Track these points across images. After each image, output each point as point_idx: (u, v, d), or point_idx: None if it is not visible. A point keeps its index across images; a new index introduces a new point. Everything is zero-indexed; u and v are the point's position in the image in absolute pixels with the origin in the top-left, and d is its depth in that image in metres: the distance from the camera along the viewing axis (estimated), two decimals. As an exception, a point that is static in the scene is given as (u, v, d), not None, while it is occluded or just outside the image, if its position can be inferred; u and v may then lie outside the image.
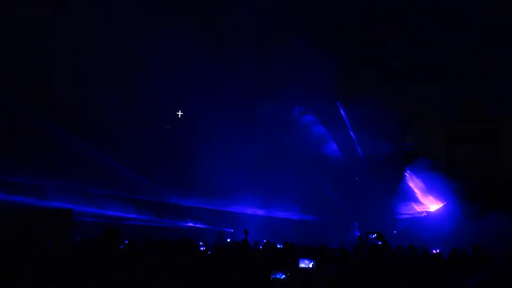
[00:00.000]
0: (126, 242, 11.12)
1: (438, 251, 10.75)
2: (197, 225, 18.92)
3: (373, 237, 8.03)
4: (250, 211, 18.68)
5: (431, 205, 19.20)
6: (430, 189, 19.28)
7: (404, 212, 19.36)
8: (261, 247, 11.66)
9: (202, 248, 11.78)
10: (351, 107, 20.22)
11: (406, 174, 20.12)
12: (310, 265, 7.03)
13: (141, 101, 16.68)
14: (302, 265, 7.09)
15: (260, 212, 18.70)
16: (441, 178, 18.71)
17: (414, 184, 19.93)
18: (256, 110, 18.64)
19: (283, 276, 5.97)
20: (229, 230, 18.64)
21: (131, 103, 16.58)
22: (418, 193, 19.82)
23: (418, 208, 19.45)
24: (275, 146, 18.52)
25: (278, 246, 11.23)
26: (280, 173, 18.04)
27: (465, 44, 17.50)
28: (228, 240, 15.29)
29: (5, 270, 4.96)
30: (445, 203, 18.15)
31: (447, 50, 17.76)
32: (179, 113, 18.61)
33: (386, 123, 20.27)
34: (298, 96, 19.34)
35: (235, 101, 17.65)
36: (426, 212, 19.12)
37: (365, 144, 20.63)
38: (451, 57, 17.77)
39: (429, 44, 17.92)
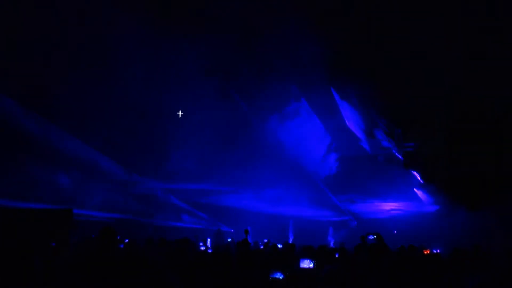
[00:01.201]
0: (126, 241, 11.15)
1: (438, 251, 10.77)
2: (196, 226, 18.92)
3: (372, 238, 8.04)
4: (249, 210, 18.65)
5: (431, 204, 19.22)
6: (430, 189, 19.32)
7: (404, 212, 19.37)
8: (261, 247, 11.68)
9: (202, 248, 11.82)
10: (349, 107, 20.22)
11: (405, 174, 20.16)
12: (311, 265, 7.03)
13: (134, 96, 16.36)
14: (303, 265, 7.10)
15: (260, 211, 18.66)
16: (440, 178, 18.77)
17: (413, 183, 19.96)
18: (250, 103, 18.57)
19: (282, 276, 5.97)
20: (230, 230, 18.67)
21: (125, 100, 16.22)
22: (418, 193, 19.85)
23: (418, 208, 19.47)
24: (268, 141, 18.46)
25: (279, 246, 11.24)
26: (276, 170, 18.01)
27: (466, 43, 17.48)
28: (229, 239, 15.31)
29: (5, 270, 4.96)
30: (445, 202, 18.18)
31: (448, 48, 17.73)
32: (179, 113, 18.53)
33: (386, 122, 20.31)
34: (291, 87, 19.14)
35: (227, 91, 17.55)
36: (426, 211, 19.14)
37: (364, 143, 20.65)
38: (452, 55, 17.74)
39: (429, 42, 17.88)
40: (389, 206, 19.60)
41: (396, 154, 20.67)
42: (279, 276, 6.03)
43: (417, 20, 17.45)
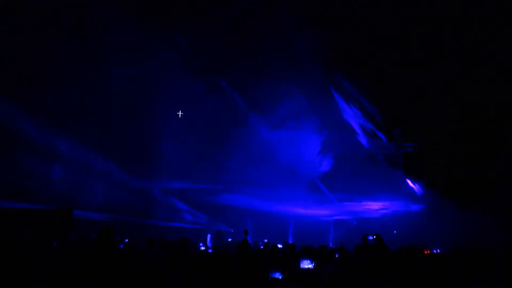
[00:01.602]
0: (126, 241, 11.15)
1: (438, 251, 10.76)
2: (196, 226, 18.91)
3: (372, 239, 8.03)
4: (249, 209, 18.63)
5: (430, 204, 19.21)
6: (429, 188, 19.32)
7: (404, 212, 19.36)
8: (261, 247, 11.67)
9: (202, 248, 11.82)
10: (348, 106, 20.20)
11: (405, 174, 20.16)
12: (311, 266, 7.03)
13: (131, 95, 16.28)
14: (303, 265, 7.09)
15: (259, 211, 18.64)
16: (439, 178, 18.78)
17: (413, 183, 19.97)
18: (249, 102, 18.52)
19: (281, 276, 5.98)
20: (230, 229, 18.66)
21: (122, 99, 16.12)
22: (418, 193, 19.86)
23: (418, 208, 19.47)
24: (267, 141, 18.43)
25: (279, 246, 11.23)
26: (276, 170, 17.99)
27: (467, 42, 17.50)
28: (229, 239, 15.33)
29: (5, 270, 4.96)
30: (445, 202, 18.18)
31: (449, 48, 17.75)
32: (179, 112, 18.50)
33: (385, 121, 20.32)
34: (291, 85, 19.10)
35: (226, 89, 17.48)
36: (426, 211, 19.12)
37: (364, 142, 20.65)
38: (452, 54, 17.75)
39: (429, 41, 17.90)
40: (389, 206, 19.59)
41: (396, 154, 20.66)
42: (278, 276, 6.04)
43: (417, 19, 17.46)
